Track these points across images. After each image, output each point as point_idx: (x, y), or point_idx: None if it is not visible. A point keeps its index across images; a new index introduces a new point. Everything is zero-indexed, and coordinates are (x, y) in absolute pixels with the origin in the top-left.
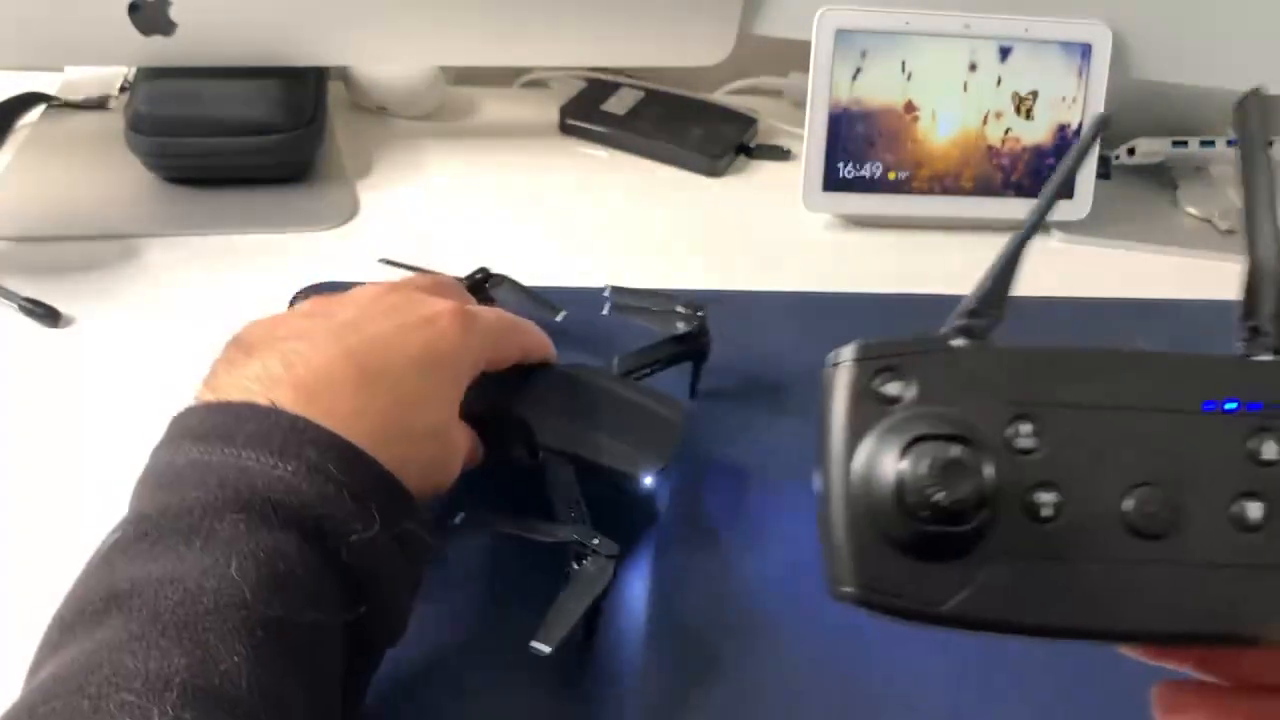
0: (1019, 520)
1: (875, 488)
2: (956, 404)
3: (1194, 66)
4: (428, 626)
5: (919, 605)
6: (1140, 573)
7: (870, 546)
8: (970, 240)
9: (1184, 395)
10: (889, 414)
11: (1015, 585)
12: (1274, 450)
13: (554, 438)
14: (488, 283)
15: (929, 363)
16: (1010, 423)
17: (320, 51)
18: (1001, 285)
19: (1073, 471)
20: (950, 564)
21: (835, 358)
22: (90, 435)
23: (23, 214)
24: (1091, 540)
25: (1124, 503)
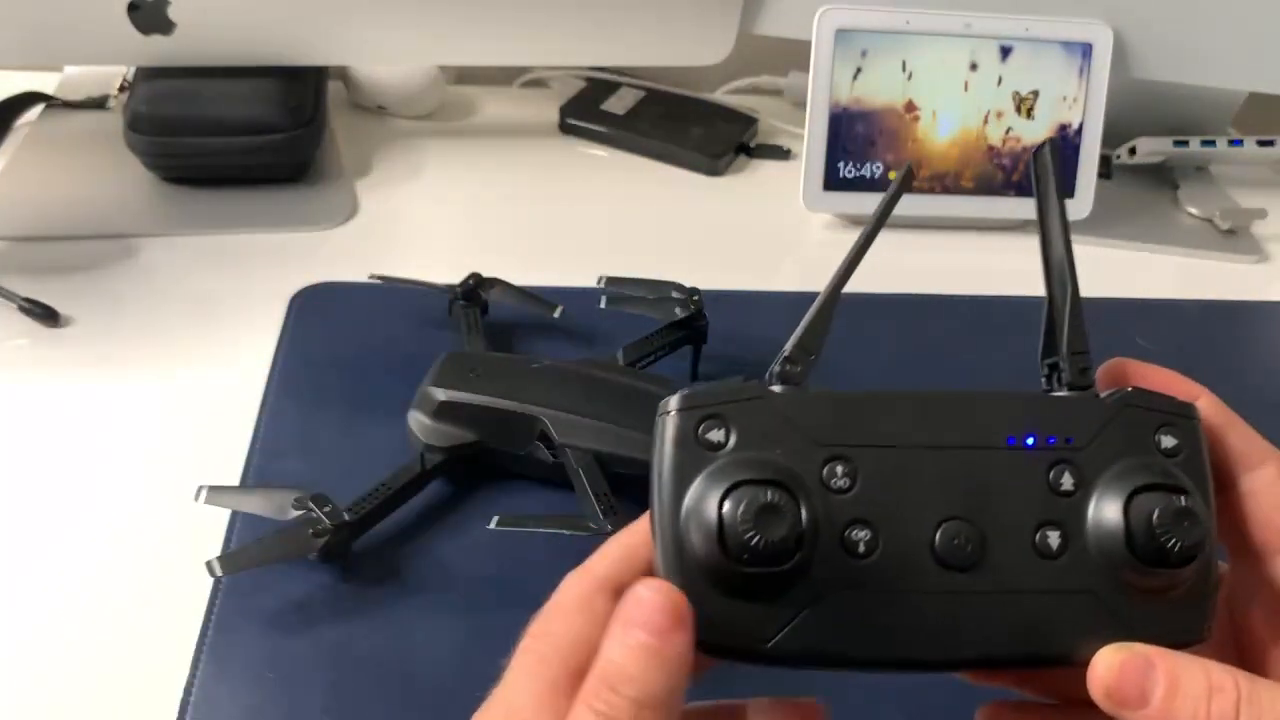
0: (837, 557)
1: (699, 532)
2: (774, 448)
3: (1195, 66)
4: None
5: (745, 644)
6: (952, 603)
7: (697, 589)
8: (971, 240)
9: (988, 432)
10: (712, 460)
11: (837, 620)
12: (1070, 482)
13: (571, 433)
14: (480, 287)
15: (748, 410)
16: (825, 463)
17: (319, 51)
18: (817, 332)
19: (885, 508)
20: (773, 603)
21: (664, 407)
22: (90, 435)
23: (22, 214)
24: (905, 573)
25: (934, 536)
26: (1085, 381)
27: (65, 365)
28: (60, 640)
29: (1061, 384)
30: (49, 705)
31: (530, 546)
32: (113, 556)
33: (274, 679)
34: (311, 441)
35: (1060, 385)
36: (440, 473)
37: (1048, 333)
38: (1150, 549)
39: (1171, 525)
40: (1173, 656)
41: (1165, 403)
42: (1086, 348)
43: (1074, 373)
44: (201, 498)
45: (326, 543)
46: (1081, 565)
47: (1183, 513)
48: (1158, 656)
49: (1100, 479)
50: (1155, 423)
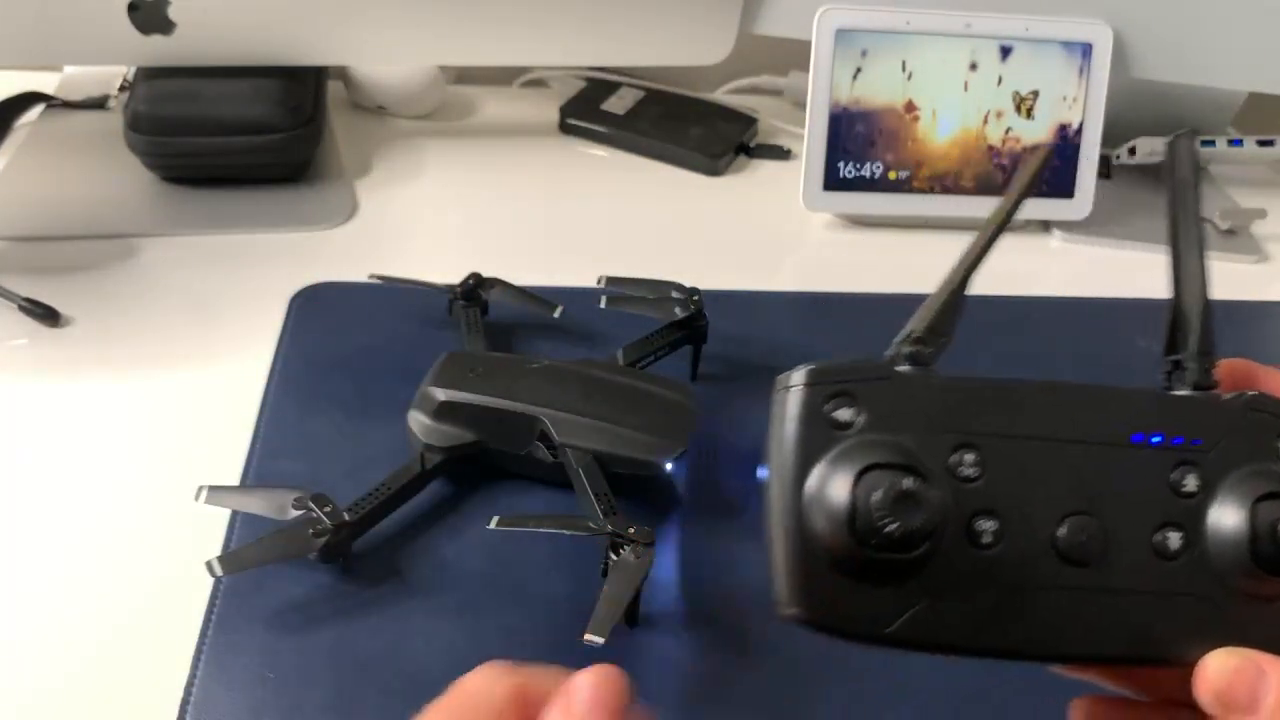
0: (961, 546)
1: (825, 513)
2: (905, 432)
3: (1195, 66)
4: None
5: (863, 628)
6: (1070, 598)
7: (817, 570)
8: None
9: (1115, 427)
10: (840, 440)
11: (955, 609)
12: (1193, 483)
13: (571, 433)
14: (480, 287)
15: (878, 390)
16: (954, 451)
17: (319, 51)
18: (950, 314)
19: (1011, 500)
20: (894, 588)
21: (786, 381)
22: (90, 435)
23: (22, 214)
24: (1026, 566)
25: (1057, 530)
26: (1209, 382)
27: (65, 365)
28: (60, 640)
29: (1184, 383)
30: (50, 705)
31: (530, 546)
32: (113, 556)
33: (274, 679)
34: (311, 441)
35: (1182, 384)
36: (440, 473)
37: (1172, 330)
38: (1272, 557)
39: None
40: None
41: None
42: (1214, 349)
43: (1200, 373)
44: (202, 498)
45: (327, 543)
46: (1199, 568)
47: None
48: (1269, 664)
49: (1223, 483)
50: (1278, 429)
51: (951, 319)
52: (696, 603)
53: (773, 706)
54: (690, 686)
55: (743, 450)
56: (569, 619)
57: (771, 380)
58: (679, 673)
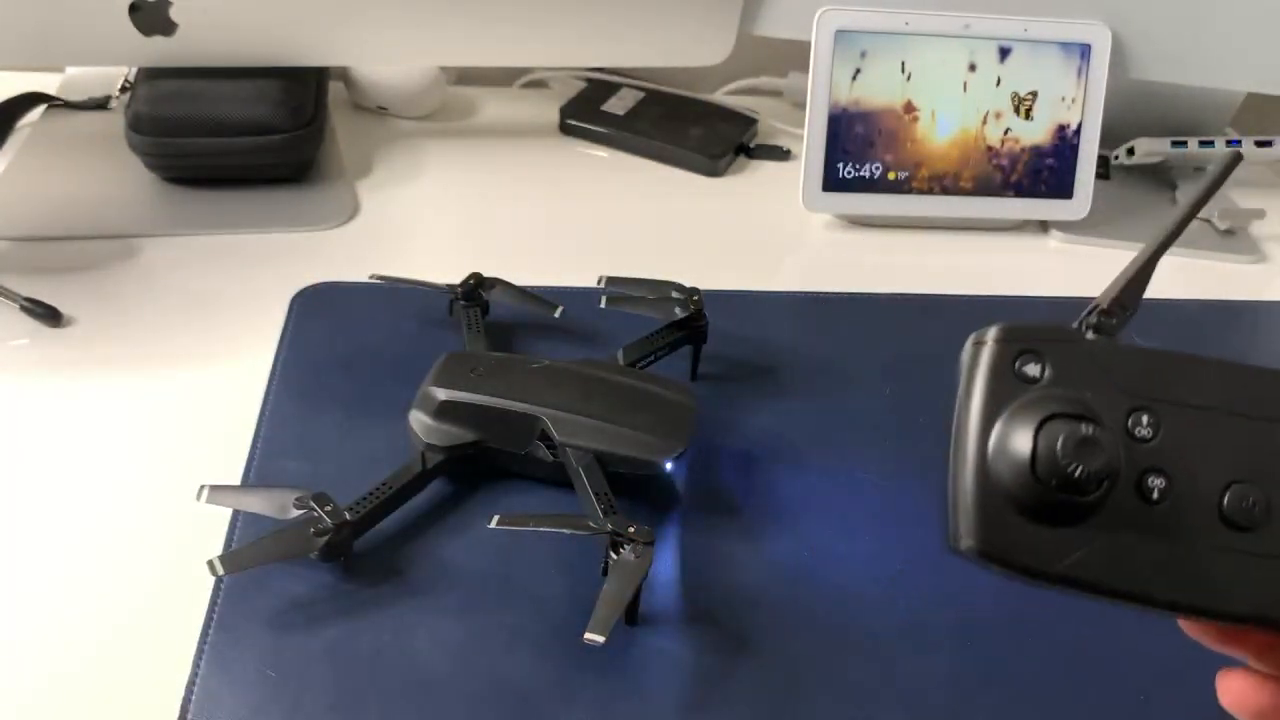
0: (1130, 499)
1: (1009, 456)
2: (1086, 390)
3: (1193, 67)
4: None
5: (1035, 564)
6: (1231, 558)
7: (995, 508)
8: (970, 240)
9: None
10: (1026, 392)
11: (1121, 556)
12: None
13: (571, 433)
14: (480, 287)
15: (1065, 351)
16: (1131, 412)
17: (320, 52)
18: (1136, 288)
19: (1181, 462)
20: (1066, 530)
21: (980, 336)
22: (91, 435)
23: (23, 214)
24: (1190, 524)
25: (1223, 495)
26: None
27: (67, 365)
28: (62, 640)
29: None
30: (50, 705)
31: (531, 546)
32: (114, 556)
33: (275, 678)
34: (312, 441)
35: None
36: (441, 472)
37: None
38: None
39: None
40: None
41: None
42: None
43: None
44: (203, 497)
45: (328, 542)
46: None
47: None
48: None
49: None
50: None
51: (1137, 293)
52: (696, 603)
53: (773, 706)
54: (690, 686)
55: (743, 450)
56: (569, 618)
57: (772, 380)
58: (679, 673)
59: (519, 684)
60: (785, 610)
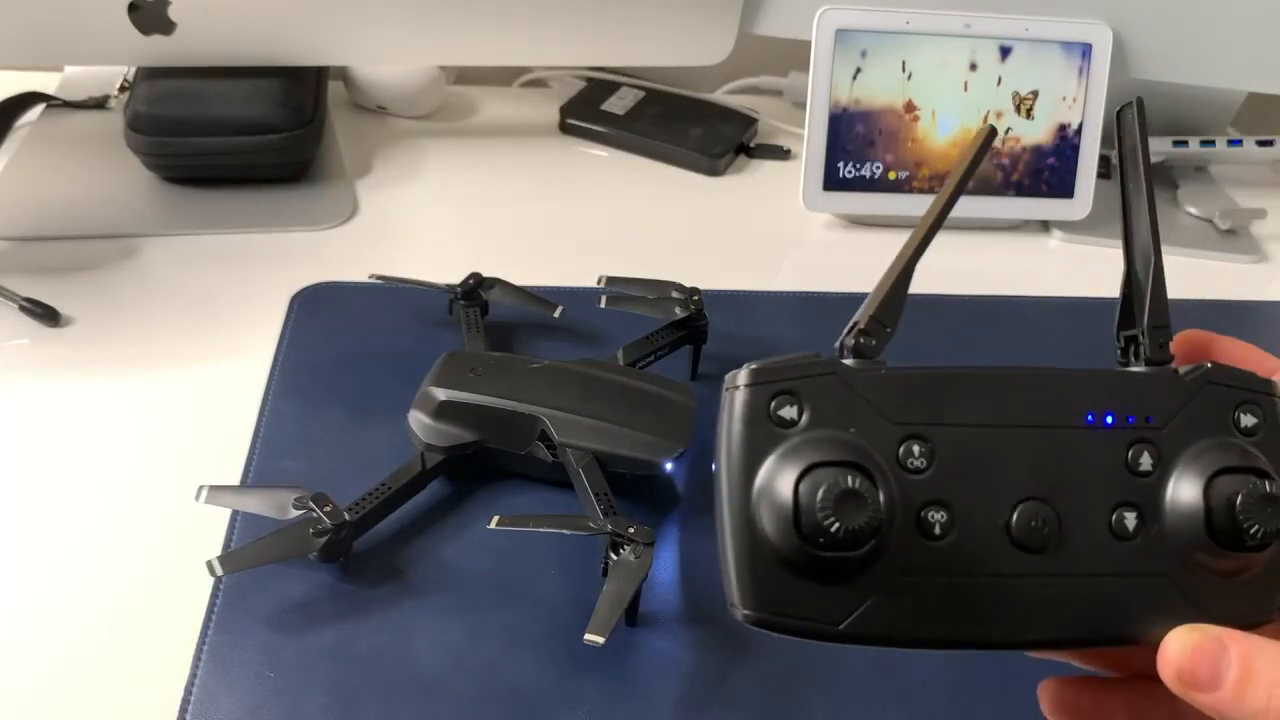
0: (911, 538)
1: (772, 513)
2: (850, 426)
3: (1194, 66)
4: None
5: (815, 626)
6: (1026, 585)
7: (766, 569)
8: (970, 240)
9: (1066, 410)
10: (785, 438)
11: (908, 602)
12: (1149, 462)
13: (571, 433)
14: (480, 287)
15: (822, 386)
16: (901, 442)
17: (320, 51)
18: (894, 303)
19: (962, 489)
20: (845, 584)
21: (732, 380)
22: (90, 435)
23: (22, 214)
24: (980, 555)
25: (1010, 517)
26: (1164, 357)
27: (66, 365)
28: (60, 640)
29: (1139, 358)
30: (50, 705)
31: (530, 546)
32: (113, 556)
33: (274, 678)
34: (312, 441)
35: (1137, 360)
36: (440, 472)
37: (1124, 304)
38: (1229, 532)
39: (1254, 510)
40: (1247, 640)
41: (1244, 379)
42: (1168, 322)
43: (1153, 347)
44: (202, 497)
45: (327, 542)
46: (1157, 547)
47: (1267, 498)
48: (1231, 639)
49: (1179, 459)
50: (1235, 400)
51: (895, 309)
52: (696, 603)
53: (773, 706)
54: (690, 686)
55: None
56: (569, 619)
57: None
58: (679, 673)
59: (518, 684)
60: None
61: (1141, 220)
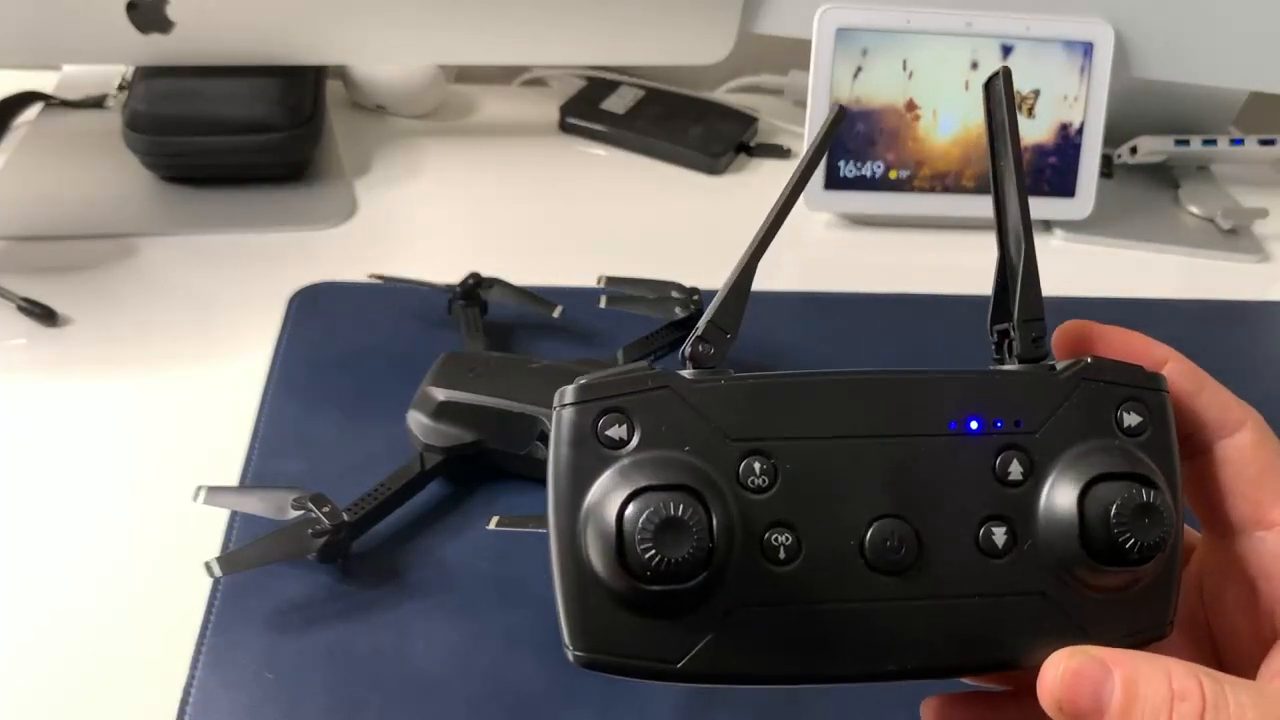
0: (755, 565)
1: (597, 544)
2: (682, 445)
3: (1196, 65)
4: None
5: (650, 665)
6: (884, 611)
7: (595, 605)
8: (972, 239)
9: (926, 417)
10: (614, 460)
11: (753, 635)
12: (1020, 470)
13: None
14: (479, 287)
15: (653, 401)
16: (741, 460)
17: (319, 50)
18: (733, 308)
19: (809, 508)
20: (682, 619)
21: (560, 399)
22: (89, 435)
23: (20, 213)
24: (831, 580)
25: (864, 537)
26: (1038, 352)
27: (64, 365)
28: (60, 640)
29: (1012, 355)
30: (49, 705)
31: (530, 546)
32: (112, 556)
33: (273, 679)
34: (311, 441)
35: (1010, 357)
36: (439, 473)
37: (998, 295)
38: (1107, 547)
39: (1131, 521)
40: (1131, 660)
41: (1128, 374)
42: (1041, 314)
43: (1026, 343)
44: (200, 498)
45: (326, 543)
46: (1030, 564)
47: (1144, 508)
48: (1114, 661)
49: (1054, 466)
50: (1117, 398)
51: (736, 313)
52: None
53: (773, 706)
54: (690, 687)
55: None
56: None
57: None
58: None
59: (518, 685)
60: None
61: (1012, 202)
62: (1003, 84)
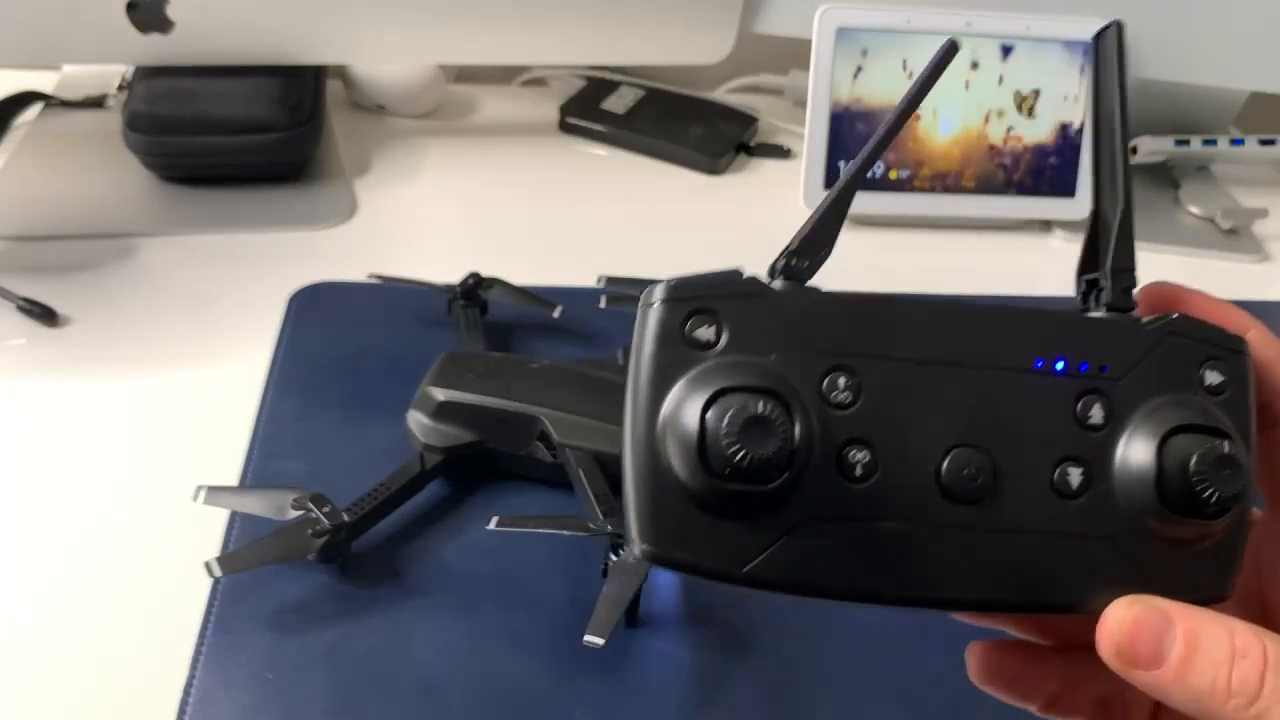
0: (830, 478)
1: (677, 441)
2: (770, 352)
3: (1196, 65)
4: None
5: (718, 566)
6: (955, 538)
7: (669, 503)
8: (972, 239)
9: (1013, 352)
10: (699, 361)
11: (822, 547)
12: (1100, 415)
13: (571, 433)
14: (479, 287)
15: (745, 307)
16: (826, 374)
17: (318, 50)
18: (830, 224)
19: (889, 429)
20: (754, 522)
21: (648, 297)
22: (88, 435)
23: (20, 213)
24: (905, 502)
25: (941, 463)
26: (1127, 303)
27: (63, 365)
28: (59, 640)
29: (1100, 304)
30: (49, 705)
31: (530, 546)
32: (111, 557)
33: (273, 679)
34: (310, 441)
35: (1098, 305)
36: (439, 473)
37: (1089, 246)
38: (1183, 497)
39: (1210, 473)
40: (1194, 613)
41: (1213, 333)
42: (1133, 265)
43: (1115, 292)
44: (200, 498)
45: (325, 543)
46: (1103, 508)
47: (1223, 460)
48: (1177, 613)
49: (1134, 414)
50: (1200, 355)
51: (831, 229)
52: (696, 603)
53: (772, 706)
54: (690, 686)
55: None
56: (569, 619)
57: None
58: (679, 673)
59: (518, 686)
60: (785, 610)
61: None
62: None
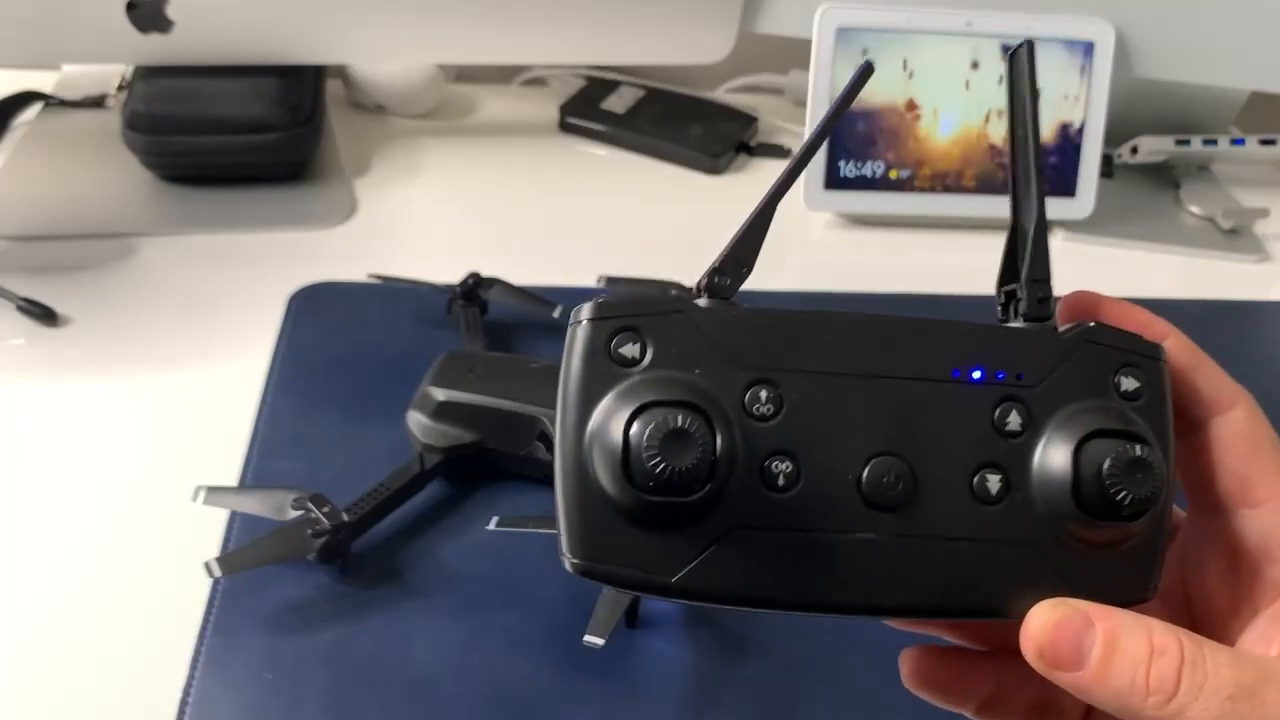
0: (754, 489)
1: (603, 455)
2: (693, 368)
3: (1197, 65)
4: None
5: (646, 578)
6: (877, 545)
7: (597, 516)
8: (972, 239)
9: (932, 362)
10: (624, 377)
11: (747, 557)
12: (1018, 421)
13: None
14: (479, 287)
15: (668, 324)
16: (748, 388)
17: (318, 50)
18: (752, 242)
19: (810, 440)
20: (680, 534)
21: (575, 315)
22: (88, 435)
23: (19, 213)
24: (827, 511)
25: (862, 472)
26: (1044, 313)
27: (63, 365)
28: (59, 640)
29: (1017, 314)
30: (49, 705)
31: (530, 546)
32: (111, 557)
33: (273, 679)
34: (310, 441)
35: (1016, 316)
36: (439, 473)
37: (1008, 258)
38: (1098, 500)
39: (1123, 476)
40: (1113, 614)
41: (1129, 341)
42: (1048, 276)
43: (1031, 302)
44: (200, 498)
45: (325, 543)
46: (1022, 513)
47: (1136, 463)
48: (1096, 614)
49: (1050, 421)
50: (1116, 362)
51: (753, 247)
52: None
53: (772, 706)
54: (690, 686)
55: None
56: (569, 619)
57: None
58: (679, 673)
59: (518, 686)
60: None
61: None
62: (1026, 55)
